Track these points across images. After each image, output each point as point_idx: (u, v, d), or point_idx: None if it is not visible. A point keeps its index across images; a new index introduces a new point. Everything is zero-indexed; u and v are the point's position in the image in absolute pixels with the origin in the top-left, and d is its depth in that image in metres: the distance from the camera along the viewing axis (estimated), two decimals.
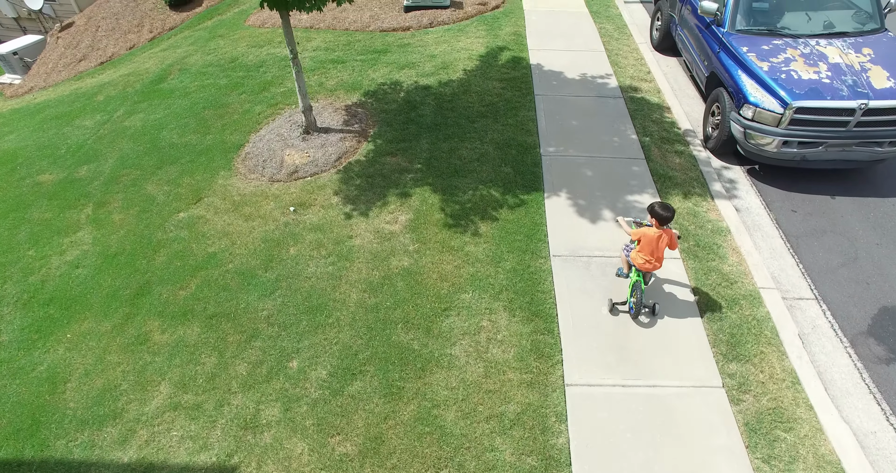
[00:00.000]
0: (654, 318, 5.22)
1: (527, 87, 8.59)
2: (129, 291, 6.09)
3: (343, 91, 9.05)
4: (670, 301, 5.38)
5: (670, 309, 5.30)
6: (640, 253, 4.87)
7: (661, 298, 5.41)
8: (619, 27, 10.65)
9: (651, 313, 5.21)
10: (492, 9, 11.24)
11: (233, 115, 8.96)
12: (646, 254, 4.82)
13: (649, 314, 5.25)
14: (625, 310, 5.28)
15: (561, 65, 9.17)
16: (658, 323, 5.18)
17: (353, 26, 10.99)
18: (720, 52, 7.17)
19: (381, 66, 9.63)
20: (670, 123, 7.84)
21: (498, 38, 10.17)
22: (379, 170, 7.21)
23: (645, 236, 4.78)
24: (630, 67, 9.25)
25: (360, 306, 5.53)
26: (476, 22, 10.79)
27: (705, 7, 7.32)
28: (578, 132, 7.54)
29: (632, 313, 5.17)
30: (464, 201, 6.56)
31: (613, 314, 5.25)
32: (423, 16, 10.85)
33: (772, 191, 6.87)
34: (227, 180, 7.53)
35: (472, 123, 7.84)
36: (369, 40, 10.56)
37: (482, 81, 8.83)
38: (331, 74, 9.58)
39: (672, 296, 5.42)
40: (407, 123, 8.03)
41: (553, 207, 6.37)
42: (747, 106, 6.51)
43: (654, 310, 5.17)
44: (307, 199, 6.94)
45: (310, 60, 10.13)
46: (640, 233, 4.85)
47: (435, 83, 8.91)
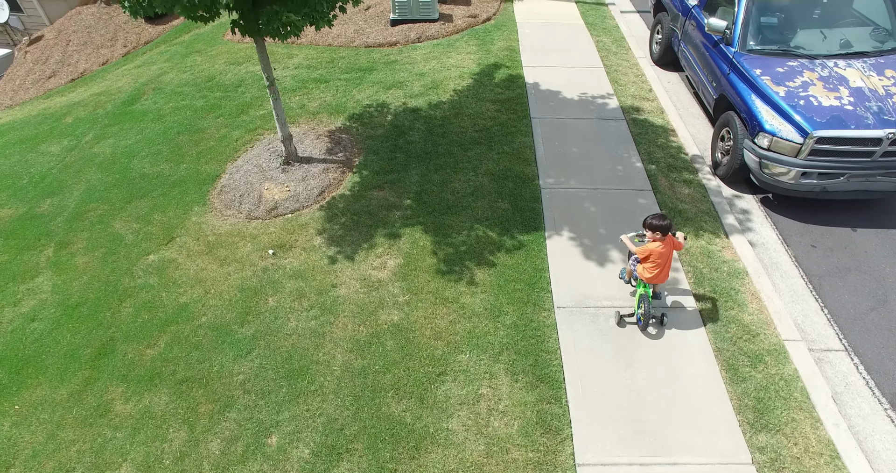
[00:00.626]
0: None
1: (522, 109, 8.06)
2: (90, 350, 5.50)
3: (326, 114, 8.48)
4: (688, 358, 4.88)
5: (689, 369, 4.80)
6: (647, 268, 4.75)
7: (679, 353, 4.92)
8: (617, 40, 10.14)
9: (659, 323, 5.10)
10: (483, 21, 10.70)
11: (209, 141, 8.37)
12: (655, 268, 4.71)
13: (657, 325, 5.13)
14: (632, 321, 5.17)
15: (558, 83, 8.66)
16: (677, 386, 4.67)
17: (337, 41, 10.42)
18: (730, 73, 6.68)
19: (367, 85, 9.06)
20: (676, 148, 7.34)
21: (490, 53, 9.63)
22: (365, 206, 6.65)
23: (652, 252, 4.65)
24: (630, 84, 8.74)
25: (346, 369, 4.98)
26: (467, 36, 10.25)
27: (713, 25, 6.82)
28: (579, 160, 7.03)
29: (640, 324, 5.07)
30: (458, 242, 6.02)
31: (621, 327, 5.14)
32: (410, 30, 10.30)
33: (788, 223, 6.38)
34: (202, 216, 6.95)
35: (465, 151, 7.30)
36: (354, 57, 9.99)
37: (475, 102, 8.30)
38: (313, 95, 9.01)
39: (690, 353, 4.92)
40: (395, 151, 7.48)
41: (555, 249, 5.85)
42: (763, 135, 6.02)
43: (661, 321, 5.07)
44: (287, 240, 6.38)
45: (291, 79, 9.55)
46: (645, 251, 4.68)
47: (424, 105, 8.36)
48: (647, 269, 4.73)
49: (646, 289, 4.91)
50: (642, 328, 5.08)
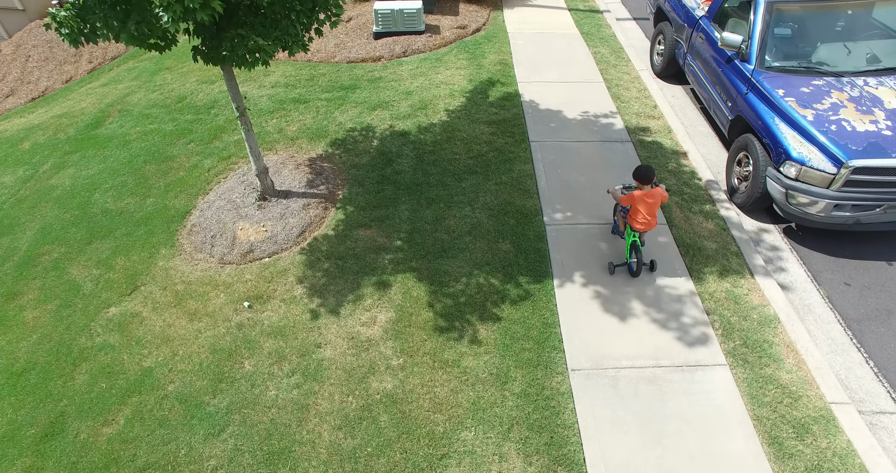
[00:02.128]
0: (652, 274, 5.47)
1: (520, 131, 7.44)
2: (35, 429, 4.77)
3: (306, 139, 7.79)
4: (725, 430, 4.27)
5: (727, 444, 4.19)
6: (633, 217, 5.05)
7: (713, 424, 4.30)
8: (616, 51, 9.55)
9: (650, 269, 5.45)
10: (472, 32, 10.06)
11: (178, 171, 7.64)
12: (642, 216, 5.00)
13: (648, 271, 5.48)
14: (624, 270, 5.49)
15: (556, 101, 8.04)
16: (714, 466, 4.07)
17: (317, 57, 9.72)
18: (748, 93, 6.10)
19: (350, 106, 8.38)
20: (689, 174, 6.75)
21: (482, 68, 8.99)
22: (350, 248, 5.98)
23: (635, 200, 4.95)
24: (634, 100, 8.15)
25: (335, 452, 4.31)
26: (456, 49, 9.60)
27: (727, 40, 6.24)
28: (586, 191, 6.41)
29: (632, 271, 5.37)
30: (456, 292, 5.37)
31: (612, 274, 5.45)
32: (395, 43, 9.63)
33: (816, 258, 5.82)
34: (170, 260, 6.23)
35: (459, 182, 6.65)
36: (335, 74, 9.30)
37: (468, 124, 7.65)
38: (292, 118, 8.31)
39: (727, 423, 4.31)
40: (382, 181, 6.81)
41: (566, 298, 5.22)
42: (790, 163, 5.44)
43: (652, 266, 5.43)
44: (265, 289, 5.69)
45: (267, 100, 8.85)
46: (631, 198, 4.99)
47: (413, 128, 7.70)
48: (635, 218, 5.04)
49: (635, 237, 5.20)
50: (634, 274, 5.36)
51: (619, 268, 5.49)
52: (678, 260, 5.59)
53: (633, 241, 5.22)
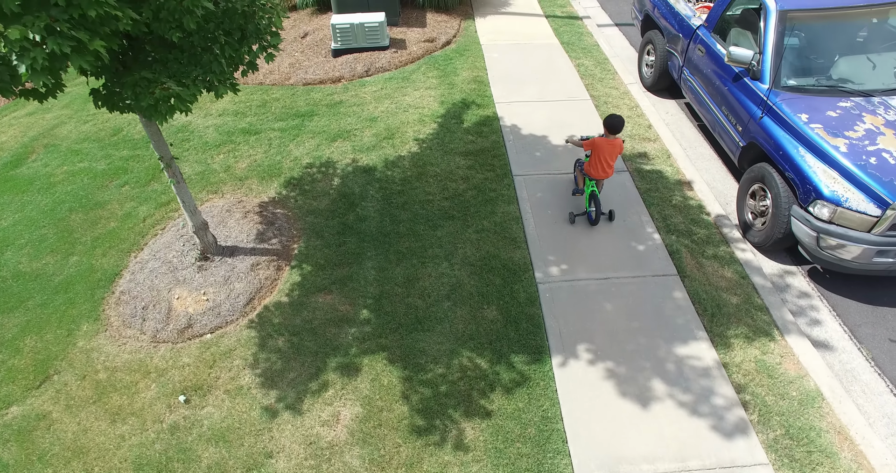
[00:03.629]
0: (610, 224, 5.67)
1: (501, 163, 6.52)
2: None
3: (257, 179, 6.78)
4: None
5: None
6: (593, 164, 5.35)
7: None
8: (600, 62, 8.69)
9: (609, 219, 5.71)
10: (442, 46, 9.11)
11: (109, 221, 6.57)
12: (600, 162, 5.29)
13: (607, 220, 5.73)
14: (584, 220, 5.75)
15: (539, 124, 7.14)
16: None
17: (270, 79, 8.69)
18: (763, 118, 5.26)
19: (307, 136, 7.38)
20: (696, 208, 5.91)
21: (454, 87, 8.05)
22: (308, 320, 5.01)
23: (596, 145, 5.25)
24: (626, 120, 7.29)
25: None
26: (424, 66, 8.65)
27: (736, 55, 5.40)
28: (581, 236, 5.52)
29: (591, 220, 5.63)
30: (435, 378, 4.43)
31: (573, 224, 5.70)
32: (356, 62, 8.64)
33: (851, 307, 5.01)
34: (92, 339, 5.19)
35: (433, 230, 5.71)
36: (290, 98, 8.28)
37: (441, 156, 6.72)
38: (241, 152, 7.28)
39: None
40: (343, 231, 5.84)
41: (568, 380, 4.31)
42: (822, 204, 4.62)
43: (611, 216, 5.70)
44: (205, 377, 4.70)
45: (214, 131, 7.80)
46: (591, 143, 5.30)
47: (379, 162, 6.74)
48: (594, 166, 5.33)
49: (593, 187, 5.50)
50: (593, 222, 5.63)
51: (579, 217, 5.75)
52: (696, 321, 4.73)
53: (592, 190, 5.50)
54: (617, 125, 5.16)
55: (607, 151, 5.21)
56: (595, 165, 5.32)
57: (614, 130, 5.18)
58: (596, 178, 5.40)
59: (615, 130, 5.18)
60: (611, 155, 5.24)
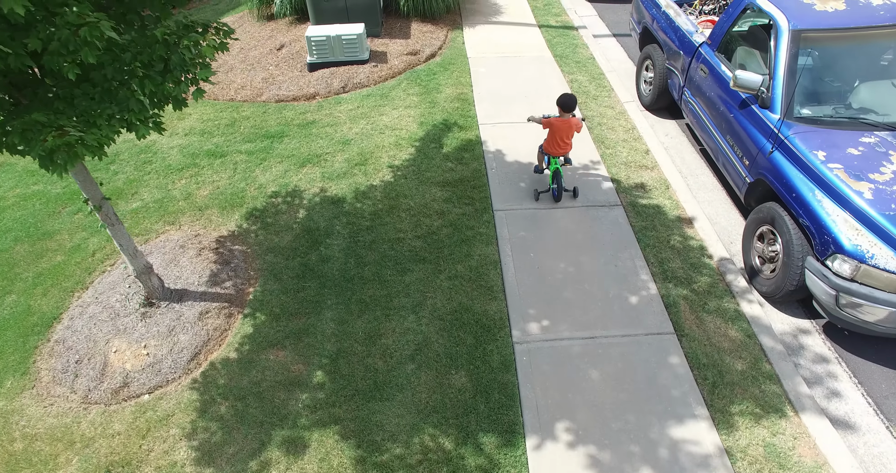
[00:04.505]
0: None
1: (481, 195, 5.91)
2: None
3: (218, 209, 6.20)
4: None
5: None
6: (551, 142, 5.49)
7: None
8: (595, 78, 8.06)
9: (573, 196, 5.83)
10: (426, 59, 8.50)
11: (56, 254, 6.01)
12: (557, 140, 5.43)
13: (571, 197, 5.84)
14: (548, 197, 5.84)
15: (526, 149, 6.52)
16: None
17: (241, 94, 8.11)
18: (774, 152, 4.64)
19: (275, 161, 6.80)
20: (697, 250, 5.28)
21: (436, 106, 7.44)
22: (255, 382, 4.41)
23: (552, 124, 5.38)
24: (621, 144, 6.67)
25: None
26: (405, 82, 8.03)
27: (742, 80, 4.78)
28: (567, 285, 4.90)
29: (555, 196, 5.73)
30: (391, 461, 3.82)
31: (538, 201, 5.82)
32: (332, 76, 8.04)
33: (874, 372, 4.37)
34: (15, 398, 4.62)
35: (401, 275, 5.11)
36: (261, 116, 7.69)
37: (416, 186, 6.11)
38: (204, 177, 6.70)
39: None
40: (304, 274, 5.25)
41: (542, 469, 3.71)
42: (842, 259, 3.99)
43: (575, 193, 5.82)
44: (136, 449, 4.11)
45: (178, 153, 7.22)
46: (548, 122, 5.42)
47: (349, 192, 6.14)
48: (550, 142, 5.49)
49: (556, 165, 5.58)
50: (556, 199, 5.75)
51: (544, 194, 5.87)
52: (695, 393, 4.11)
53: (556, 169, 5.59)
54: (569, 103, 5.32)
55: (563, 129, 5.38)
56: (552, 143, 5.49)
57: (567, 109, 5.33)
58: (554, 155, 5.55)
59: (568, 109, 5.33)
60: (567, 133, 5.42)
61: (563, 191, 5.73)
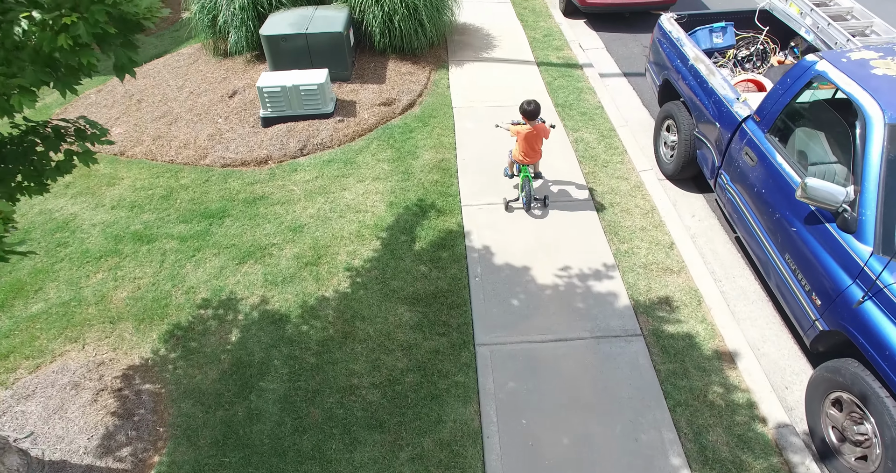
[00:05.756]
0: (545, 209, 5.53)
1: (460, 320, 4.60)
2: None
3: (133, 323, 4.90)
4: None
5: None
6: (520, 150, 5.36)
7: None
8: (605, 135, 6.73)
9: (542, 205, 5.63)
10: (403, 110, 7.16)
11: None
12: (525, 149, 5.33)
13: (541, 207, 5.62)
14: (519, 206, 5.64)
15: (520, 244, 5.20)
16: None
17: (183, 155, 6.79)
18: (867, 301, 3.32)
19: (211, 252, 5.50)
20: (744, 409, 3.96)
21: (410, 178, 6.12)
22: None
23: (520, 133, 5.24)
24: (639, 235, 5.35)
25: None
26: (376, 142, 6.71)
27: (817, 192, 3.45)
28: (570, 467, 3.60)
29: (525, 206, 5.55)
30: None
31: (509, 212, 5.59)
32: (290, 135, 6.72)
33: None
34: None
35: (350, 451, 3.80)
36: (202, 187, 6.38)
37: (378, 303, 4.80)
38: (125, 271, 5.40)
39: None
40: (225, 438, 3.94)
41: None
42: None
43: (545, 202, 5.62)
44: None
45: (100, 233, 5.92)
46: (515, 130, 5.27)
47: (295, 307, 4.84)
48: (519, 151, 5.35)
49: (525, 174, 5.41)
50: (526, 209, 5.55)
51: (514, 203, 5.65)
52: None
53: (526, 177, 5.41)
54: (533, 111, 5.15)
55: (531, 137, 5.25)
56: (521, 151, 5.35)
57: (532, 117, 5.17)
58: (523, 164, 5.41)
59: (533, 117, 5.17)
60: (536, 140, 5.30)
61: (532, 199, 5.51)
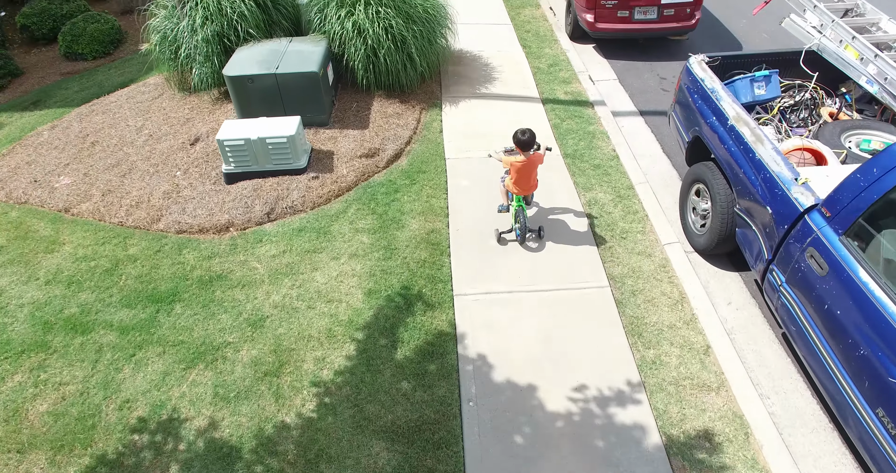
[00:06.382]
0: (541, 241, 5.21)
1: (450, 465, 3.64)
2: None
3: (48, 453, 3.98)
4: None
5: None
6: (514, 182, 4.95)
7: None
8: (622, 194, 5.80)
9: (538, 236, 5.28)
10: (387, 163, 6.20)
11: None
12: (520, 180, 4.93)
13: (536, 239, 5.28)
14: (512, 238, 5.28)
15: (522, 352, 4.26)
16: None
17: (134, 216, 5.85)
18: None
19: (154, 351, 4.57)
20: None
21: (394, 256, 5.18)
22: None
23: (513, 165, 4.84)
24: (667, 335, 4.41)
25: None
26: (355, 205, 5.76)
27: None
28: None
29: (518, 238, 5.22)
30: None
31: (502, 244, 5.25)
32: (256, 195, 5.78)
33: None
34: None
35: None
36: (152, 259, 5.45)
37: (349, 436, 3.88)
38: (49, 374, 4.49)
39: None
40: None
41: None
42: None
43: (540, 233, 5.27)
44: None
45: (28, 317, 5.00)
46: (509, 162, 4.85)
47: (248, 437, 3.90)
48: (514, 181, 4.94)
49: (519, 203, 5.03)
50: (521, 241, 5.21)
51: (506, 234, 5.28)
52: None
53: (520, 207, 5.06)
54: (527, 142, 4.75)
55: (526, 168, 4.90)
56: (516, 183, 4.99)
57: (527, 147, 4.78)
58: (520, 195, 5.05)
59: (528, 147, 4.78)
60: (531, 171, 4.97)
61: (527, 231, 5.17)
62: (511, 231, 5.23)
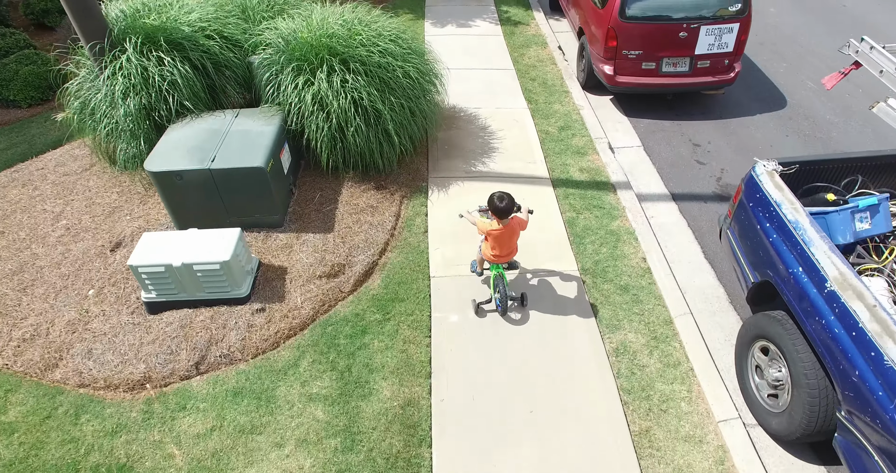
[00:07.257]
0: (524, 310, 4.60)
1: None
2: None
3: None
4: None
5: None
6: (491, 250, 4.36)
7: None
8: (657, 336, 4.43)
9: (521, 304, 4.66)
10: (354, 286, 4.75)
11: None
12: (497, 249, 4.34)
13: (519, 307, 4.65)
14: (491, 308, 4.64)
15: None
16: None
17: (25, 357, 4.44)
18: None
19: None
20: None
21: (356, 446, 3.75)
22: None
23: (491, 234, 4.27)
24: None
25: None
26: (311, 354, 4.38)
27: None
28: None
29: (499, 309, 4.60)
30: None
31: (480, 316, 4.60)
32: (183, 335, 4.42)
33: None
34: None
35: None
36: (38, 430, 4.06)
37: None
38: None
39: None
40: None
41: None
42: None
43: (523, 301, 4.65)
44: None
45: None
46: (485, 230, 4.26)
47: None
48: (490, 249, 4.37)
49: (498, 269, 4.46)
50: (502, 312, 4.60)
51: (485, 305, 4.62)
52: None
53: (498, 273, 4.45)
54: (504, 210, 4.12)
55: (505, 235, 4.27)
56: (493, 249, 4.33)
57: (505, 215, 4.16)
58: (497, 262, 4.39)
59: (506, 215, 4.16)
60: (510, 238, 4.34)
61: (507, 300, 4.52)
62: (490, 301, 4.64)
